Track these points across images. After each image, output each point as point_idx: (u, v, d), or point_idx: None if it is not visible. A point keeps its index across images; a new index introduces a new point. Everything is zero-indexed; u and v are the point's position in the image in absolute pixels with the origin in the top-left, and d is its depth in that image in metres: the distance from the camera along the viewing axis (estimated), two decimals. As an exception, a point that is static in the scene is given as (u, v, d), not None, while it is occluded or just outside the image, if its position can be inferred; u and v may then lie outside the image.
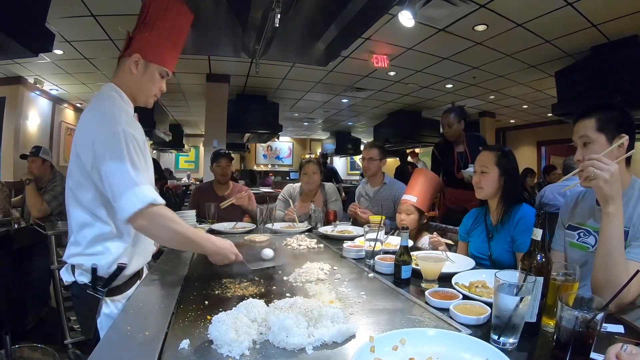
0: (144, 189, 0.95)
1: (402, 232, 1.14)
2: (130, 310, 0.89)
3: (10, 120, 4.40)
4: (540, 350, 0.73)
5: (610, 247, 0.87)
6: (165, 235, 1.01)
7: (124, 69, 1.07)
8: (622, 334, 0.77)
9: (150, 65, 1.07)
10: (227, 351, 0.66)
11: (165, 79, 1.13)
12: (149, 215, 0.95)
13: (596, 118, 1.00)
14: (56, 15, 2.54)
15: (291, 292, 1.00)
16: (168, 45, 1.09)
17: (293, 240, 1.68)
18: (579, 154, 1.02)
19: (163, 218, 0.98)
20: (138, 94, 1.10)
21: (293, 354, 0.67)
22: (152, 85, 1.10)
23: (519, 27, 2.87)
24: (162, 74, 1.11)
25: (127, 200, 0.92)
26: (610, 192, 0.87)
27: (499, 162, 1.38)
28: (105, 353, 0.68)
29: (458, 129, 2.63)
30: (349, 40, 1.94)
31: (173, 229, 1.00)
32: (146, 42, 1.06)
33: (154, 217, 0.96)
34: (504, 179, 1.38)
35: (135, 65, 1.05)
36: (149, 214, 0.94)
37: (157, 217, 0.97)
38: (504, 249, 1.35)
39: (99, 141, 0.95)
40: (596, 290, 0.89)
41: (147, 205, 0.93)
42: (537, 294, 0.75)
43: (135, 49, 1.05)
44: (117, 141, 0.94)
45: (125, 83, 1.07)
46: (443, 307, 0.88)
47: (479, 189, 1.41)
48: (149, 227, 0.97)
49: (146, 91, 1.10)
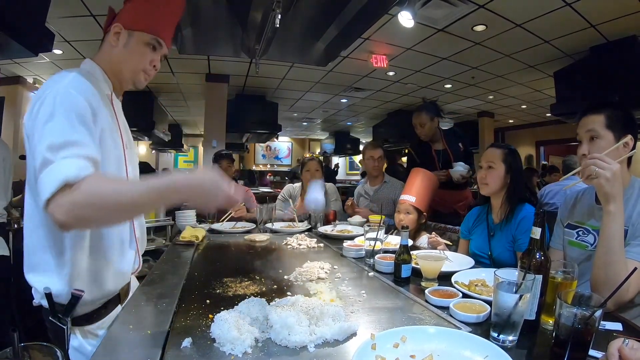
0: (62, 164, 0.67)
1: (402, 231, 1.14)
2: (132, 309, 0.89)
3: (10, 120, 4.39)
4: (539, 348, 0.73)
5: (611, 245, 0.88)
6: (101, 214, 0.69)
7: (105, 44, 0.90)
8: (621, 331, 0.78)
9: (134, 34, 0.88)
10: (229, 349, 0.66)
11: (158, 53, 0.92)
12: (65, 203, 0.65)
13: (605, 115, 1.00)
14: (55, 15, 2.54)
15: (292, 291, 1.01)
16: (154, 10, 0.90)
17: (293, 240, 1.69)
18: (584, 148, 1.02)
19: (84, 195, 0.66)
20: (121, 68, 0.90)
21: (295, 352, 0.67)
22: (138, 57, 0.89)
23: (518, 28, 2.88)
24: (152, 44, 0.90)
25: (40, 184, 0.67)
26: (612, 191, 0.87)
27: (505, 159, 1.39)
28: (108, 352, 0.68)
29: (432, 128, 2.46)
30: (349, 40, 1.95)
31: (106, 202, 0.68)
32: (127, 10, 0.90)
33: (73, 201, 0.65)
34: (509, 176, 1.38)
35: (116, 37, 0.88)
36: (64, 200, 0.65)
37: (76, 201, 0.65)
38: (504, 248, 1.36)
39: (29, 114, 0.74)
40: (596, 288, 0.90)
41: (59, 186, 0.65)
42: (536, 291, 0.76)
43: (117, 20, 0.89)
44: (46, 106, 0.71)
45: (106, 58, 0.90)
46: (443, 306, 0.88)
47: (484, 185, 1.41)
48: (69, 220, 0.66)
49: (131, 64, 0.90)
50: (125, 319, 0.82)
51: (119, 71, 0.91)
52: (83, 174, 0.67)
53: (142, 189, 0.70)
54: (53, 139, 0.69)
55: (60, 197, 0.65)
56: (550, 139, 7.10)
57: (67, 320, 0.80)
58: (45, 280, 0.81)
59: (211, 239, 1.82)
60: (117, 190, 0.70)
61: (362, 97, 5.55)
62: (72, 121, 0.72)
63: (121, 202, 0.69)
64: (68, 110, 0.72)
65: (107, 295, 0.91)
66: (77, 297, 0.79)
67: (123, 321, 0.81)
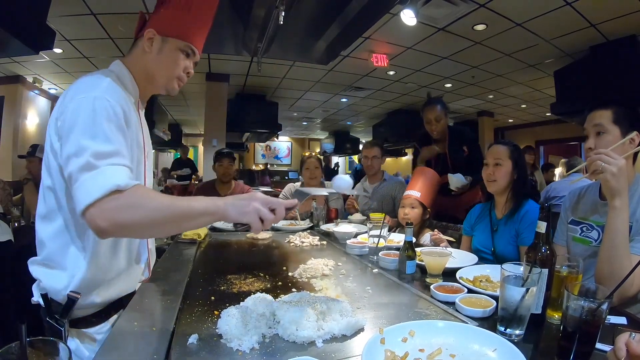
0: (109, 170, 0.68)
1: (406, 227, 1.15)
2: (136, 306, 0.89)
3: (9, 119, 4.38)
4: (545, 342, 0.74)
5: (616, 240, 0.88)
6: (143, 221, 0.69)
7: (137, 49, 0.90)
8: (626, 325, 0.78)
9: (168, 41, 0.88)
10: (236, 345, 0.66)
11: (191, 60, 0.93)
12: (111, 208, 0.66)
13: (613, 110, 1.01)
14: (56, 13, 2.53)
15: (297, 288, 1.01)
16: (188, 17, 0.90)
17: (296, 238, 1.69)
18: (591, 142, 1.03)
19: (136, 200, 0.68)
20: (156, 74, 0.90)
21: (303, 347, 0.67)
22: (173, 65, 0.89)
23: (518, 27, 2.89)
24: (185, 51, 0.90)
25: (81, 187, 0.67)
26: (617, 186, 0.88)
27: (511, 155, 1.40)
28: (113, 349, 0.68)
29: (445, 124, 2.22)
30: (350, 39, 1.95)
31: (150, 209, 0.68)
32: (161, 16, 0.89)
33: (120, 208, 0.66)
34: (516, 172, 1.39)
35: (150, 42, 0.87)
36: (110, 205, 0.66)
37: (123, 206, 0.66)
38: (507, 242, 1.36)
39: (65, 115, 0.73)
40: (600, 282, 0.91)
41: (108, 191, 0.66)
42: (543, 285, 0.76)
43: (149, 25, 0.88)
44: (85, 111, 0.72)
45: (139, 63, 0.89)
46: (449, 301, 0.88)
47: (492, 182, 1.41)
48: (110, 227, 0.67)
49: (166, 71, 0.90)
50: (129, 316, 0.82)
51: (153, 77, 0.91)
52: (133, 182, 0.69)
53: (196, 204, 0.71)
54: (98, 147, 0.70)
55: (106, 202, 0.66)
56: (550, 139, 7.12)
57: (65, 322, 0.79)
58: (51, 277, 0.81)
59: (213, 236, 1.81)
60: (168, 200, 0.71)
61: (362, 97, 5.56)
62: (112, 130, 0.73)
63: (173, 213, 0.70)
64: (109, 119, 0.73)
65: (111, 301, 0.90)
66: (73, 300, 0.79)
67: (128, 318, 0.81)
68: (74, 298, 0.79)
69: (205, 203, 0.71)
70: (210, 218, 0.71)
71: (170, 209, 0.70)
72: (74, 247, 0.81)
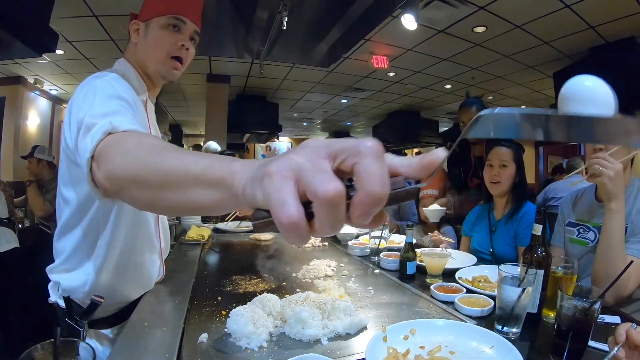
0: (106, 120, 0.55)
1: (407, 229, 1.17)
2: (145, 307, 0.91)
3: (10, 120, 4.39)
4: (541, 340, 0.77)
5: (612, 242, 0.91)
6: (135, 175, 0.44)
7: (129, 44, 0.91)
8: (620, 324, 0.81)
9: (150, 23, 0.87)
10: (245, 343, 0.69)
11: (184, 31, 0.88)
12: (104, 154, 0.51)
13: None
14: (57, 15, 2.54)
15: (301, 288, 1.03)
16: None
17: (298, 239, 1.71)
18: None
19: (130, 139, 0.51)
20: (146, 60, 0.88)
21: (309, 345, 0.70)
22: (158, 44, 0.86)
23: (517, 29, 2.92)
24: (170, 24, 0.86)
25: (81, 145, 0.56)
26: (614, 189, 0.91)
27: (515, 157, 1.43)
28: (126, 348, 0.70)
29: None
30: (352, 42, 1.98)
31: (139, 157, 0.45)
32: (144, 5, 0.89)
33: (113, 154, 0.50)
34: (518, 175, 1.42)
35: (136, 33, 0.88)
36: (103, 151, 0.51)
37: (117, 153, 0.50)
38: (506, 243, 1.39)
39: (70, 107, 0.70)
40: (596, 283, 0.94)
41: (103, 135, 0.52)
42: (538, 285, 0.79)
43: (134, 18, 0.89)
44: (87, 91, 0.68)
45: (132, 55, 0.89)
46: (448, 301, 0.91)
47: (496, 184, 1.42)
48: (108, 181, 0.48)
49: (153, 54, 0.87)
50: (139, 317, 0.84)
51: (145, 65, 0.89)
52: (130, 126, 0.54)
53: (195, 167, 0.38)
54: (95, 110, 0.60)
55: (100, 148, 0.52)
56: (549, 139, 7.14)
57: (84, 323, 0.81)
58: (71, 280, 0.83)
59: (216, 238, 1.84)
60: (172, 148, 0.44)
61: (362, 98, 5.58)
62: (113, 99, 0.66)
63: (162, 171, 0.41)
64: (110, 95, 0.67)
65: (128, 302, 0.92)
66: (95, 304, 0.81)
67: (138, 319, 0.83)
68: (97, 302, 0.80)
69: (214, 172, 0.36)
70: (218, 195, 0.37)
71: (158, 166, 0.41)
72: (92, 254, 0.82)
